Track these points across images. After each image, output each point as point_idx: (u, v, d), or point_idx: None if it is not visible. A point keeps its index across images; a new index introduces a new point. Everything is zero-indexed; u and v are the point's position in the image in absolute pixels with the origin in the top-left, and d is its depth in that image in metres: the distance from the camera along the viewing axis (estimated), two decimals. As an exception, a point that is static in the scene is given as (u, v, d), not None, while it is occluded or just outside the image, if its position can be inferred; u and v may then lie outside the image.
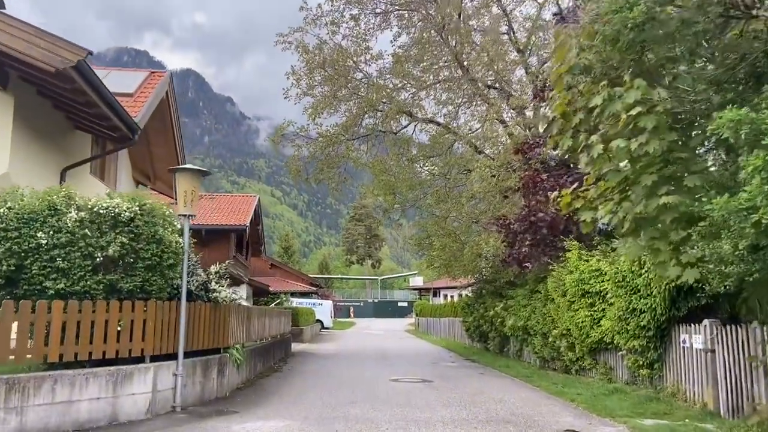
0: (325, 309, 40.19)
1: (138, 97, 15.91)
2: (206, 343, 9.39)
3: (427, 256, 20.28)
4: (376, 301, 73.65)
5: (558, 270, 12.17)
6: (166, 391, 8.23)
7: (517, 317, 15.22)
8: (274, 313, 16.74)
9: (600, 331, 10.47)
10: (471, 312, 21.30)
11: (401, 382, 11.99)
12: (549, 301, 13.16)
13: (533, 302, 14.45)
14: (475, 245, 16.20)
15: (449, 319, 29.29)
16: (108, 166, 16.73)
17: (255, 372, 12.62)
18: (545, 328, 13.40)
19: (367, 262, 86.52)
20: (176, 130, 18.57)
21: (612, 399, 9.12)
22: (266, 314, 15.13)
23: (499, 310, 16.66)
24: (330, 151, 19.14)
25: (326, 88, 18.65)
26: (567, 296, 11.59)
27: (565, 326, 11.91)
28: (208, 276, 9.73)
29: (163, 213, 8.28)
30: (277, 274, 50.41)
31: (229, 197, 35.28)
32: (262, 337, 14.36)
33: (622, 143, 5.87)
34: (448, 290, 55.84)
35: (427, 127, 20.08)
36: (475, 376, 13.16)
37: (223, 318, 9.93)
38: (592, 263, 10.77)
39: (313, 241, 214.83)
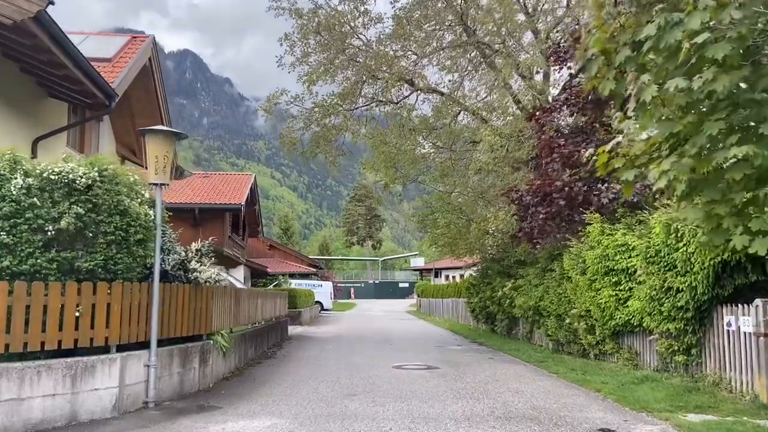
0: (324, 290, 39.27)
1: (117, 63, 14.66)
2: (186, 329, 8.33)
3: (431, 234, 19.19)
4: (377, 282, 72.85)
5: (576, 246, 11.07)
6: (137, 384, 7.18)
7: (527, 297, 14.17)
8: (268, 295, 15.70)
9: (626, 313, 9.40)
10: (476, 292, 20.28)
11: (405, 369, 10.97)
12: (565, 279, 12.09)
13: (546, 281, 13.38)
14: (483, 221, 15.07)
15: (452, 299, 28.32)
16: (88, 139, 15.53)
17: (245, 359, 11.61)
18: (560, 309, 12.35)
19: (368, 243, 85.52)
20: (162, 100, 17.32)
21: (643, 389, 8.08)
22: (259, 296, 14.08)
23: (507, 291, 15.61)
24: (327, 123, 17.94)
25: (322, 55, 17.38)
26: (587, 274, 10.50)
27: (585, 307, 10.85)
28: (187, 254, 8.61)
29: (129, 180, 7.15)
30: (276, 256, 49.45)
31: (223, 175, 34.09)
32: (254, 320, 13.34)
33: (681, 82, 4.71)
34: (450, 271, 54.96)
35: (430, 98, 18.85)
36: (484, 362, 12.14)
37: (206, 301, 8.85)
38: (617, 237, 9.66)
39: (314, 223, 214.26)
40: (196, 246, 9.26)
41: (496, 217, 13.95)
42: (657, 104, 4.99)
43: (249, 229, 38.45)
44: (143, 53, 15.52)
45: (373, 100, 18.09)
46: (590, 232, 10.40)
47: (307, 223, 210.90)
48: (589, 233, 10.43)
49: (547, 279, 13.38)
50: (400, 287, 69.79)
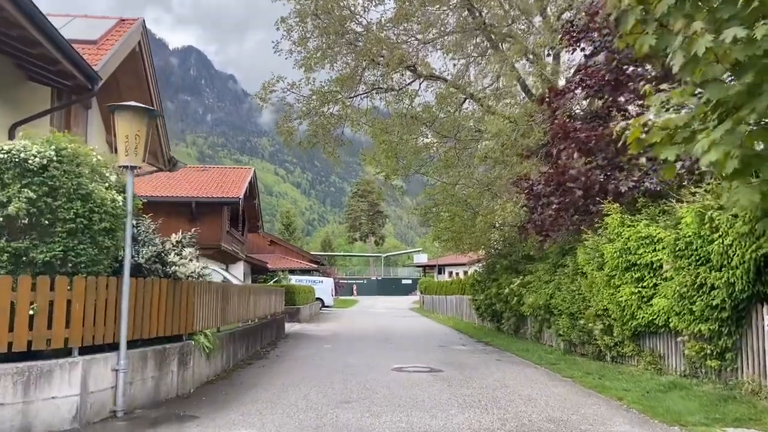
0: (325, 287, 38.49)
1: (102, 45, 13.85)
2: (163, 328, 7.52)
3: (434, 228, 18.34)
4: (380, 278, 72.13)
5: (592, 239, 10.20)
6: (103, 391, 6.37)
7: (537, 295, 13.31)
8: (262, 291, 14.89)
9: (650, 312, 8.54)
10: (482, 289, 19.42)
11: (406, 371, 10.14)
12: (579, 276, 11.23)
13: (558, 278, 12.52)
14: (489, 213, 14.20)
15: (456, 296, 27.48)
16: (75, 127, 14.73)
17: (235, 360, 10.80)
18: (573, 308, 11.49)
19: (371, 239, 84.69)
20: (153, 86, 16.48)
21: (672, 398, 7.23)
22: (252, 293, 13.27)
23: (515, 287, 14.75)
24: (325, 111, 17.09)
25: (320, 40, 16.52)
26: (605, 270, 9.64)
27: (602, 305, 9.99)
28: (164, 245, 7.78)
29: (92, 161, 6.33)
30: (276, 251, 48.69)
31: (222, 169, 33.33)
32: (246, 318, 12.54)
33: (740, 31, 3.85)
34: (454, 267, 54.13)
35: (433, 87, 17.97)
36: (491, 363, 11.30)
37: (186, 297, 8.03)
38: (639, 229, 8.78)
39: (317, 219, 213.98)
40: (176, 237, 8.43)
41: (504, 208, 13.07)
42: (709, 60, 4.12)
43: (249, 224, 37.70)
44: (131, 36, 14.70)
45: (374, 87, 17.22)
46: (608, 223, 9.52)
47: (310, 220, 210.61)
48: (608, 225, 9.56)
49: (559, 275, 12.52)
50: (403, 284, 69.03)
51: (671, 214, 8.50)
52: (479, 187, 16.63)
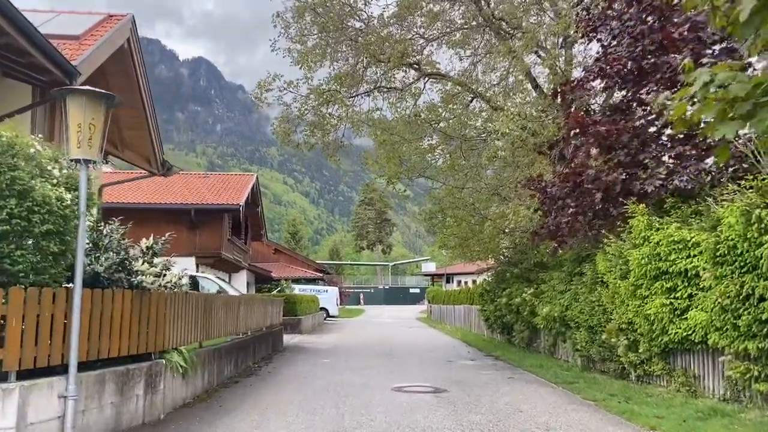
0: (330, 296, 37.50)
1: (85, 41, 13.01)
2: (127, 346, 6.58)
3: (440, 234, 17.34)
4: (387, 287, 71.03)
5: (614, 244, 9.17)
6: (47, 422, 5.42)
7: (552, 306, 12.26)
8: (256, 302, 13.95)
9: (685, 327, 7.49)
10: (491, 299, 18.36)
11: (407, 392, 9.13)
12: (599, 285, 10.19)
13: (574, 287, 11.48)
14: (499, 218, 13.20)
15: (465, 306, 26.39)
16: (60, 127, 14.00)
17: (220, 378, 9.84)
18: (593, 321, 10.44)
19: (378, 247, 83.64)
20: (144, 88, 15.64)
21: (714, 427, 6.18)
22: (243, 304, 12.33)
23: (528, 297, 13.71)
24: (324, 111, 16.21)
25: (320, 36, 15.67)
26: (630, 278, 8.60)
27: (626, 318, 8.95)
28: (128, 252, 6.84)
29: (29, 153, 5.43)
30: (281, 260, 47.88)
31: (223, 175, 32.58)
32: (237, 331, 11.59)
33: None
34: (462, 276, 52.98)
35: (438, 87, 17.05)
36: (502, 382, 10.26)
37: (156, 311, 7.10)
38: (671, 232, 7.75)
39: (326, 229, 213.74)
40: (146, 242, 7.51)
41: (515, 212, 12.04)
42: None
43: (252, 233, 36.90)
44: (119, 33, 13.87)
45: (376, 87, 16.32)
46: (634, 226, 8.50)
47: (319, 229, 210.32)
48: (633, 228, 8.54)
49: (576, 284, 11.48)
50: (410, 293, 67.88)
51: (706, 215, 7.48)
52: (487, 191, 15.64)
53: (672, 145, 9.06)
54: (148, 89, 15.72)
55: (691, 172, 8.44)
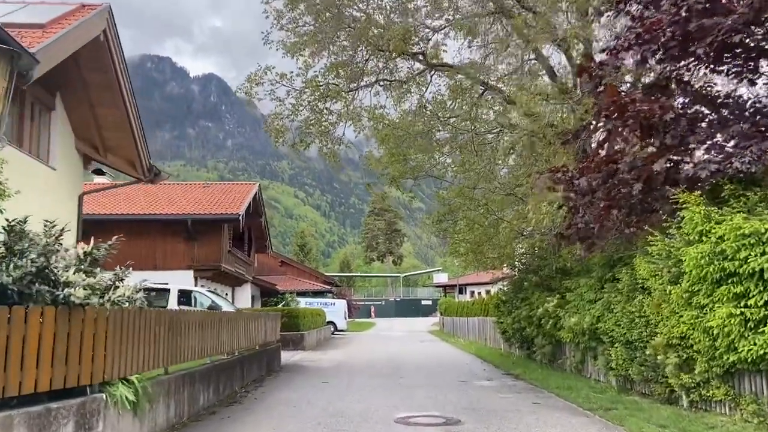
0: (337, 309, 35.94)
1: (50, 29, 11.76)
2: (49, 379, 5.15)
3: (450, 240, 15.82)
4: (398, 299, 69.29)
5: (660, 243, 7.61)
6: None
7: (580, 317, 10.68)
8: (244, 317, 12.47)
9: (761, 343, 5.90)
10: (508, 311, 16.76)
11: (413, 423, 7.60)
12: (639, 292, 8.62)
13: (607, 295, 9.89)
14: (517, 218, 11.67)
15: (479, 318, 24.74)
16: (33, 132, 12.79)
17: (194, 409, 8.36)
18: (632, 334, 8.85)
19: (388, 258, 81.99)
20: (125, 86, 14.37)
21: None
22: (227, 320, 10.86)
23: (551, 308, 12.13)
24: (322, 107, 14.84)
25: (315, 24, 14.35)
26: (683, 283, 7.04)
27: (677, 332, 7.36)
28: (49, 259, 5.40)
29: None
30: (288, 273, 46.53)
31: (225, 185, 31.36)
32: (218, 351, 10.12)
33: None
34: (476, 287, 51.17)
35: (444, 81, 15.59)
36: (526, 410, 8.67)
37: (93, 332, 5.66)
38: (738, 222, 6.18)
39: (337, 241, 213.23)
40: (83, 248, 6.08)
41: (536, 210, 10.42)
42: None
43: (256, 244, 35.57)
44: (92, 23, 12.63)
45: (378, 80, 14.93)
46: (688, 219, 6.94)
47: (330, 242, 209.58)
48: (686, 221, 6.98)
49: (608, 292, 9.89)
50: (422, 305, 66.08)
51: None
52: (502, 190, 14.12)
53: (727, 124, 7.52)
54: (130, 87, 14.44)
55: (755, 153, 6.88)
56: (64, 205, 13.34)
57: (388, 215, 75.96)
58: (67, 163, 14.28)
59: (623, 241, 9.33)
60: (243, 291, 34.55)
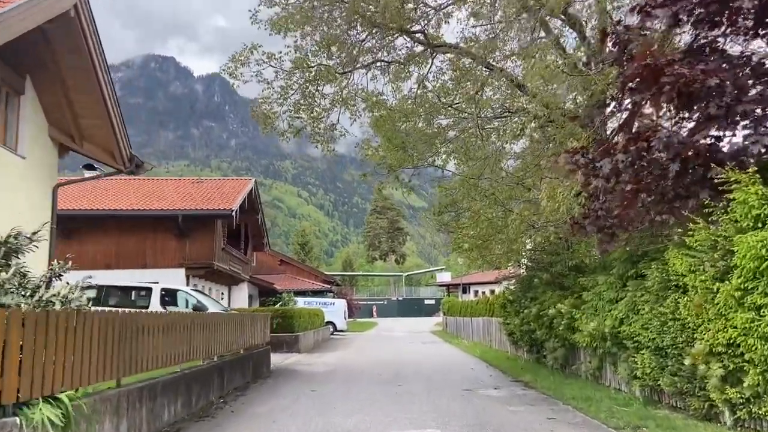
0: (336, 309, 34.77)
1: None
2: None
3: (454, 235, 14.62)
4: (401, 299, 68.06)
5: (702, 232, 6.39)
6: None
7: (600, 320, 9.47)
8: (223, 319, 11.29)
9: None
10: (515, 311, 15.56)
11: (408, 446, 6.43)
12: (673, 291, 7.41)
13: (631, 294, 8.69)
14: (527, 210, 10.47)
15: (484, 319, 23.54)
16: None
17: (154, 426, 7.20)
18: (663, 339, 7.65)
19: (391, 257, 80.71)
20: (100, 67, 13.21)
21: None
22: (201, 323, 9.68)
23: (565, 308, 10.93)
24: (313, 91, 13.67)
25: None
26: (733, 280, 5.83)
27: (723, 338, 6.16)
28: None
29: None
30: (288, 272, 45.41)
31: (219, 181, 30.23)
32: (190, 357, 8.96)
33: None
34: (480, 286, 49.92)
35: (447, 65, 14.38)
36: (540, 427, 7.48)
37: (2, 340, 4.51)
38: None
39: (341, 241, 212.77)
40: None
41: (551, 197, 9.11)
42: None
43: (253, 242, 34.43)
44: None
45: (374, 60, 13.73)
46: (739, 201, 5.74)
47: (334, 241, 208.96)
48: (737, 204, 5.78)
49: (633, 291, 8.68)
50: (425, 304, 64.84)
51: None
52: (509, 180, 12.91)
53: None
54: (107, 69, 13.29)
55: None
56: (35, 196, 12.24)
57: (390, 213, 74.76)
58: (40, 152, 13.13)
59: (651, 231, 8.12)
60: (240, 290, 33.44)
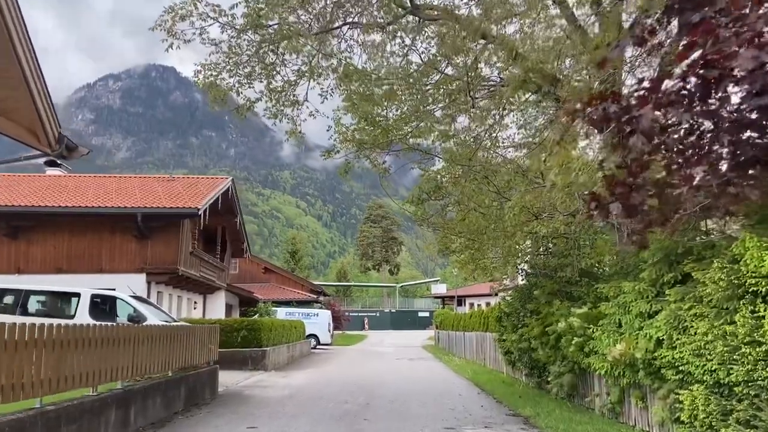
0: (320, 321, 32.18)
1: None
2: None
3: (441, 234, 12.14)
4: (394, 311, 65.32)
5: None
6: None
7: (629, 340, 7.00)
8: (131, 334, 8.73)
9: None
10: (513, 326, 13.08)
11: None
12: (748, 301, 4.97)
13: (676, 307, 6.23)
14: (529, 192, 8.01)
15: (477, 333, 21.02)
16: None
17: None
18: (731, 372, 5.18)
19: (385, 267, 78.00)
20: (14, 24, 10.67)
21: None
22: (77, 339, 7.18)
23: (577, 323, 8.44)
24: (273, 58, 11.27)
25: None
26: None
27: None
28: None
29: None
30: (272, 280, 42.86)
31: (192, 179, 27.78)
32: (50, 390, 6.45)
33: None
34: (475, 298, 47.44)
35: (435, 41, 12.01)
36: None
37: None
38: None
39: (338, 252, 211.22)
40: None
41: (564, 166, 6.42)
42: None
43: (232, 248, 32.00)
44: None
45: (346, 23, 11.35)
46: None
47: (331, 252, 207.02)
48: None
49: (675, 302, 6.24)
50: (419, 317, 62.15)
51: None
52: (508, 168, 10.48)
53: None
54: (23, 28, 10.88)
55: None
56: None
57: (384, 222, 72.23)
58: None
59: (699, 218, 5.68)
60: (216, 299, 30.88)
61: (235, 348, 17.83)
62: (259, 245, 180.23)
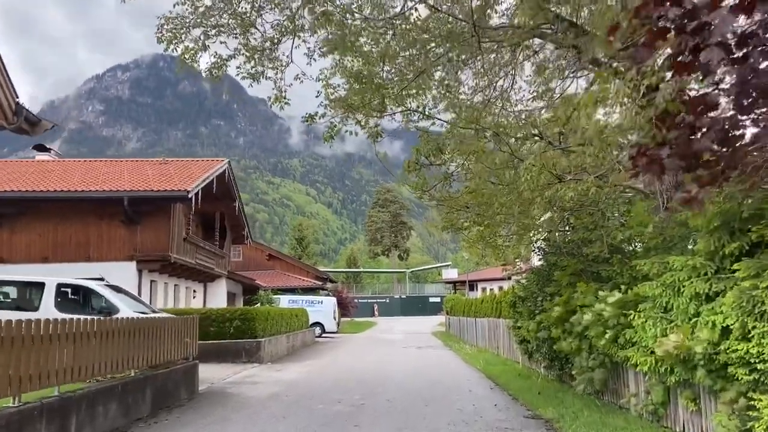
0: (325, 309, 30.89)
1: None
2: None
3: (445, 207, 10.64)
4: (404, 297, 64.04)
5: None
6: None
7: (684, 330, 5.49)
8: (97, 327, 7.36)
9: None
10: (529, 312, 11.57)
11: None
12: None
13: (749, 286, 4.70)
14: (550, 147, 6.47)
15: (490, 320, 19.56)
16: None
17: None
18: None
19: (394, 253, 76.60)
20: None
21: None
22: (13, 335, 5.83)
23: (610, 310, 6.93)
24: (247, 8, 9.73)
25: None
26: None
27: None
28: None
29: None
30: (276, 267, 41.68)
31: (186, 161, 26.38)
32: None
33: None
34: (487, 283, 46.01)
35: None
36: None
37: None
38: None
39: (349, 239, 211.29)
40: None
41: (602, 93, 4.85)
42: None
43: (232, 234, 30.73)
44: None
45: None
46: None
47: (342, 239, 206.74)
48: None
49: (749, 279, 4.71)
50: (430, 302, 60.84)
51: None
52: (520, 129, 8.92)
53: None
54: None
55: None
56: None
57: (393, 207, 70.72)
58: None
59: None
60: (217, 287, 29.72)
61: (228, 339, 16.57)
62: (270, 233, 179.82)
